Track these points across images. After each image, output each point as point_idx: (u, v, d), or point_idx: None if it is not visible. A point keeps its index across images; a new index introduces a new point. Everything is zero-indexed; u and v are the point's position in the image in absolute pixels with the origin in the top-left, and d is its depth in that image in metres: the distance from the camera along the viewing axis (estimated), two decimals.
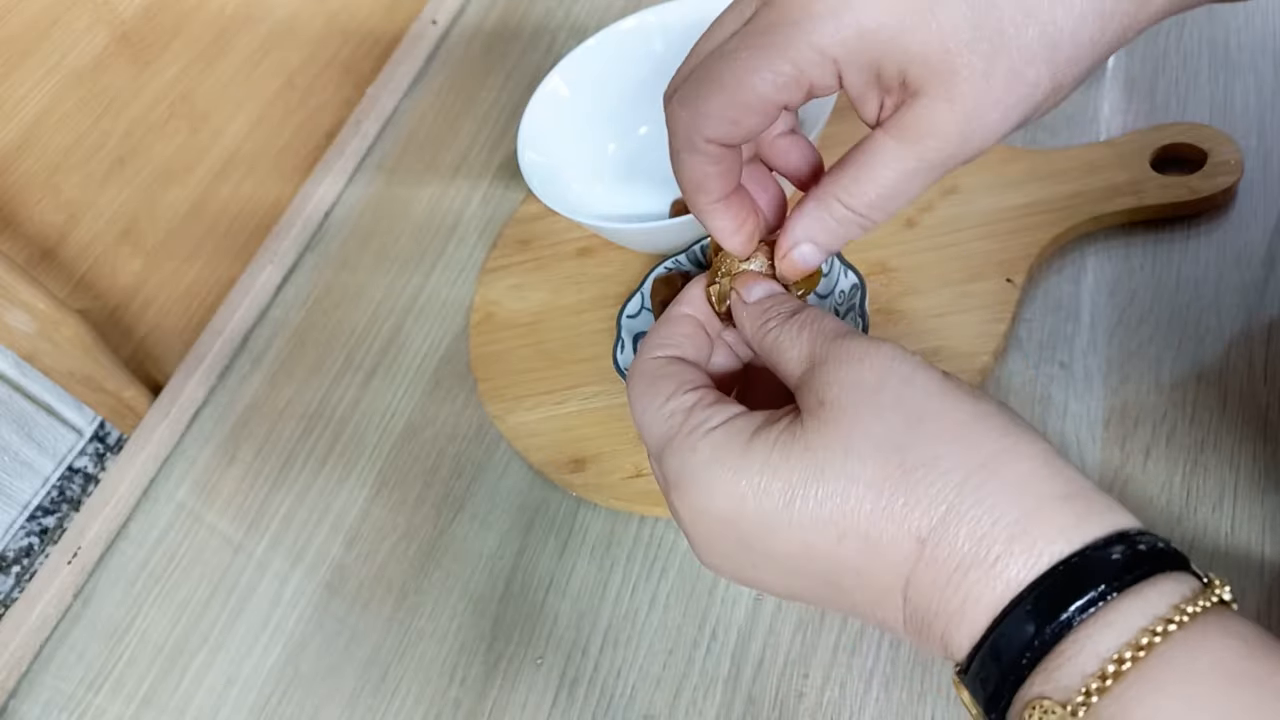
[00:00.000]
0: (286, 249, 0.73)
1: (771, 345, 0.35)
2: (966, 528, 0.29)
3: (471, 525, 0.55)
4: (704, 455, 0.32)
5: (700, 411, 0.34)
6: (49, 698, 0.57)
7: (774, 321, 0.36)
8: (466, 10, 0.86)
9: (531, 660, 0.50)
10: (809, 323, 0.35)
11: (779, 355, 0.35)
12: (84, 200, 0.63)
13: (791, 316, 0.35)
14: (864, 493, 0.30)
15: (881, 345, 0.33)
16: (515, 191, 0.70)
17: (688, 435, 0.33)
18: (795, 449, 0.31)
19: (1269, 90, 0.56)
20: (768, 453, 0.31)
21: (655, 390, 0.35)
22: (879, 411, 0.31)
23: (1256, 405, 0.46)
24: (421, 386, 0.62)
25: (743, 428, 0.33)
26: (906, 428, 0.30)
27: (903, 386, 0.31)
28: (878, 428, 0.30)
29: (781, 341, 0.35)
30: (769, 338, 0.35)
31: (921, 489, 0.29)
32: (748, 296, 0.37)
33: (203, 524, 0.61)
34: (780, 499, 0.31)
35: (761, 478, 0.31)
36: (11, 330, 0.58)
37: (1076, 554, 0.28)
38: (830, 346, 0.33)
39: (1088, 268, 0.53)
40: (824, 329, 0.34)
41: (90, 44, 0.62)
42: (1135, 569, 0.27)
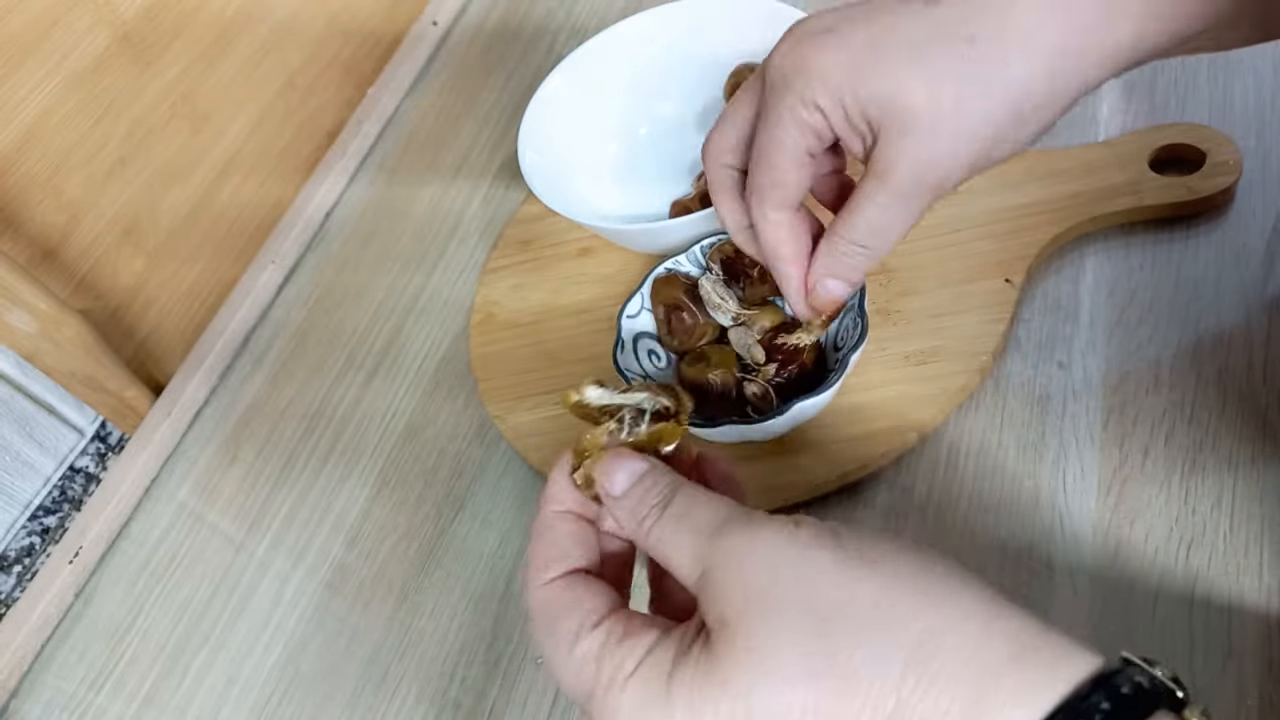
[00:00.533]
0: (288, 249, 0.73)
1: (657, 547, 0.33)
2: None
3: (472, 525, 0.55)
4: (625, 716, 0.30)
5: (611, 656, 0.31)
6: (50, 697, 0.57)
7: (649, 519, 0.33)
8: (467, 11, 0.86)
9: (531, 660, 0.50)
10: (683, 519, 0.32)
11: (667, 561, 0.33)
12: (85, 200, 0.63)
13: (665, 510, 0.33)
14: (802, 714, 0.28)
15: (759, 532, 0.30)
16: (516, 192, 0.70)
17: (605, 693, 0.31)
18: (713, 686, 0.29)
19: (1268, 91, 0.56)
20: (689, 699, 0.29)
21: (558, 632, 0.32)
22: (782, 619, 0.28)
23: (1255, 405, 0.46)
24: (422, 386, 0.63)
25: (659, 670, 0.30)
26: (818, 633, 0.28)
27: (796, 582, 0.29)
28: (787, 640, 0.28)
29: (665, 546, 0.32)
30: (651, 538, 0.33)
31: (860, 699, 0.27)
32: (612, 490, 0.34)
33: (204, 524, 0.61)
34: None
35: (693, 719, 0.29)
36: (13, 330, 0.58)
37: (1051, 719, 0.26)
38: (712, 548, 0.31)
39: (1087, 268, 0.53)
40: (700, 524, 0.32)
41: (91, 45, 0.62)
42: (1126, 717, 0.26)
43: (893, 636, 0.28)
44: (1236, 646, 0.40)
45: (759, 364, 0.51)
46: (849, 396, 0.51)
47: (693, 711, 0.29)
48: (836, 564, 0.29)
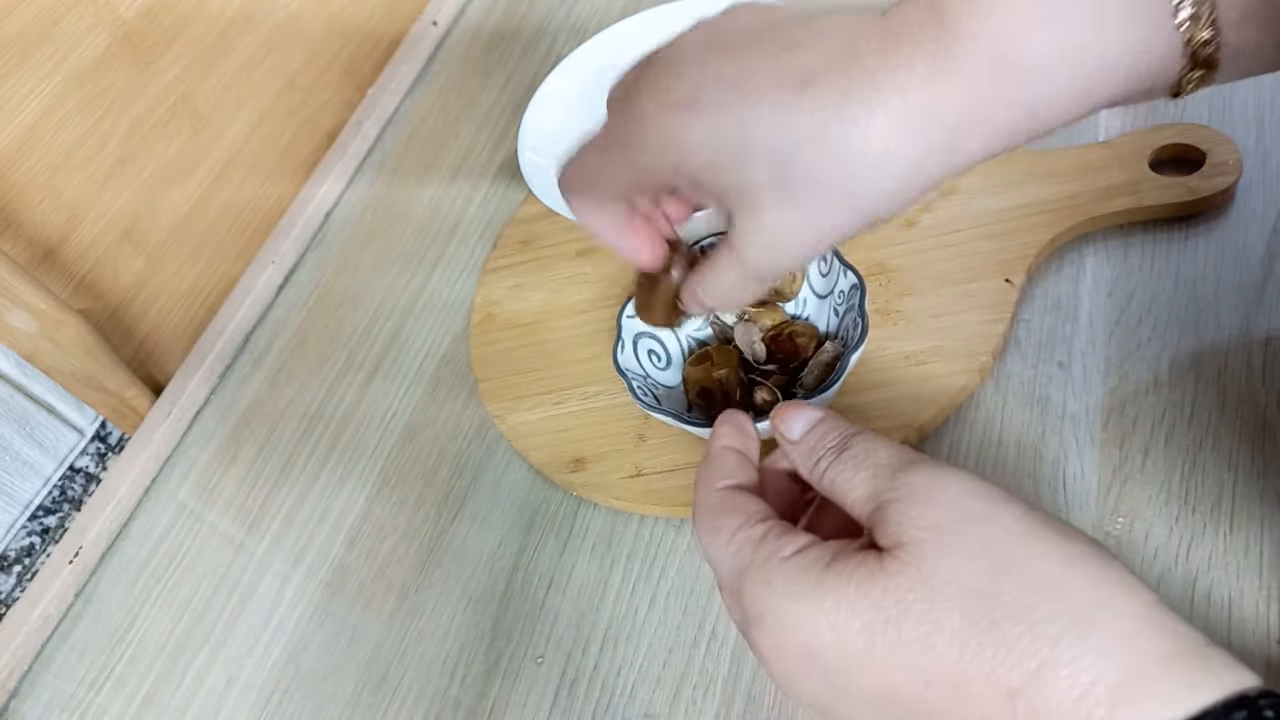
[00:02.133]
0: (288, 249, 0.73)
1: (829, 486, 0.34)
2: (1064, 685, 0.27)
3: (472, 525, 0.55)
4: (779, 587, 0.31)
5: (770, 542, 0.33)
6: (50, 697, 0.57)
7: (825, 460, 0.34)
8: (467, 11, 0.86)
9: (531, 659, 0.50)
10: (863, 460, 0.33)
11: (840, 496, 0.34)
12: (85, 200, 0.63)
13: (842, 453, 0.34)
14: (950, 641, 0.28)
15: (950, 481, 0.31)
16: (516, 192, 0.70)
17: (761, 566, 0.32)
18: (875, 589, 0.30)
19: (1267, 91, 0.56)
20: (844, 588, 0.30)
21: (721, 524, 0.34)
22: (963, 557, 0.29)
23: (1255, 405, 0.46)
24: (422, 387, 0.63)
25: (817, 558, 0.31)
26: (994, 576, 0.29)
27: (985, 528, 0.30)
28: (963, 574, 0.29)
29: (839, 483, 0.34)
30: (825, 478, 0.34)
31: (1012, 641, 0.27)
32: (789, 434, 0.37)
33: (204, 524, 0.61)
34: (860, 638, 0.30)
35: (839, 615, 0.30)
36: (13, 330, 0.58)
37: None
38: (894, 484, 0.32)
39: (1086, 268, 0.53)
40: (880, 463, 0.33)
41: (92, 45, 0.62)
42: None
43: (1062, 600, 0.28)
44: (1236, 646, 0.40)
45: (760, 362, 0.51)
46: (849, 397, 0.51)
47: (842, 600, 0.30)
48: (1026, 523, 0.30)
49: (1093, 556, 0.29)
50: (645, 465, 0.52)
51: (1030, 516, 0.30)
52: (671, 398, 0.52)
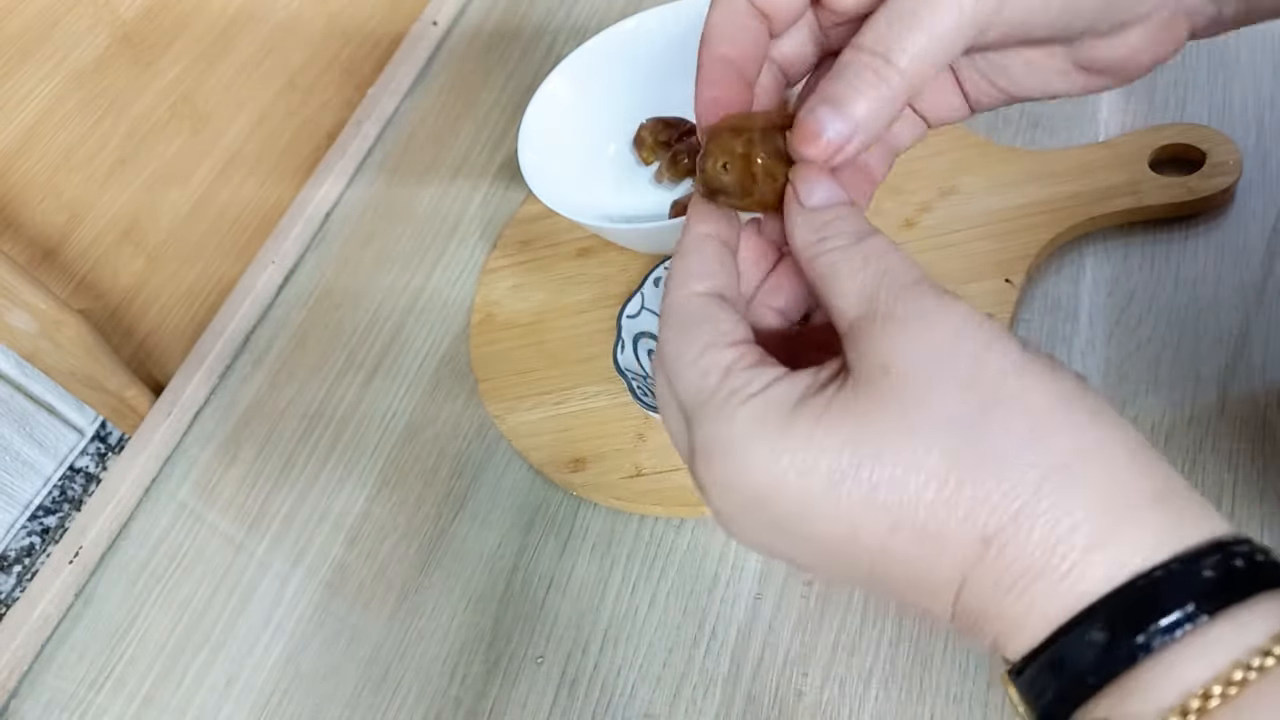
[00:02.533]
0: (288, 249, 0.73)
1: (826, 269, 0.30)
2: (1040, 531, 0.26)
3: (472, 525, 0.55)
4: (739, 427, 0.28)
5: (738, 374, 0.29)
6: (50, 697, 0.57)
7: (834, 240, 0.30)
8: (467, 11, 0.86)
9: (532, 659, 0.50)
10: (876, 256, 0.30)
11: (833, 283, 0.30)
12: (85, 200, 0.63)
13: (858, 242, 0.30)
14: (926, 481, 0.26)
15: (955, 305, 0.28)
16: (516, 192, 0.70)
17: (724, 401, 0.29)
18: (848, 424, 0.27)
19: (1267, 91, 0.56)
20: (813, 426, 0.28)
21: (691, 337, 0.30)
22: (951, 389, 0.27)
23: (1254, 405, 0.46)
24: (422, 386, 0.63)
25: (785, 396, 0.28)
26: (981, 411, 0.27)
27: (978, 360, 0.27)
28: (948, 408, 0.27)
29: (840, 269, 0.30)
30: (823, 260, 0.30)
31: (993, 483, 0.26)
32: (807, 198, 0.31)
33: (204, 524, 0.61)
34: (826, 479, 0.27)
35: (806, 454, 0.27)
36: (13, 330, 0.58)
37: (1161, 566, 0.25)
38: (899, 297, 0.29)
39: (1086, 268, 0.53)
40: (893, 269, 0.29)
41: (91, 44, 0.62)
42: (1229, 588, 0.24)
43: (1045, 445, 0.26)
44: None
45: None
46: None
47: (810, 440, 0.27)
48: (1019, 362, 0.28)
49: (1081, 396, 0.28)
50: (645, 465, 0.52)
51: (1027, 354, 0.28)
52: None
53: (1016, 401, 0.27)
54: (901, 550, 0.27)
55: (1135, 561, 0.25)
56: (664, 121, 0.65)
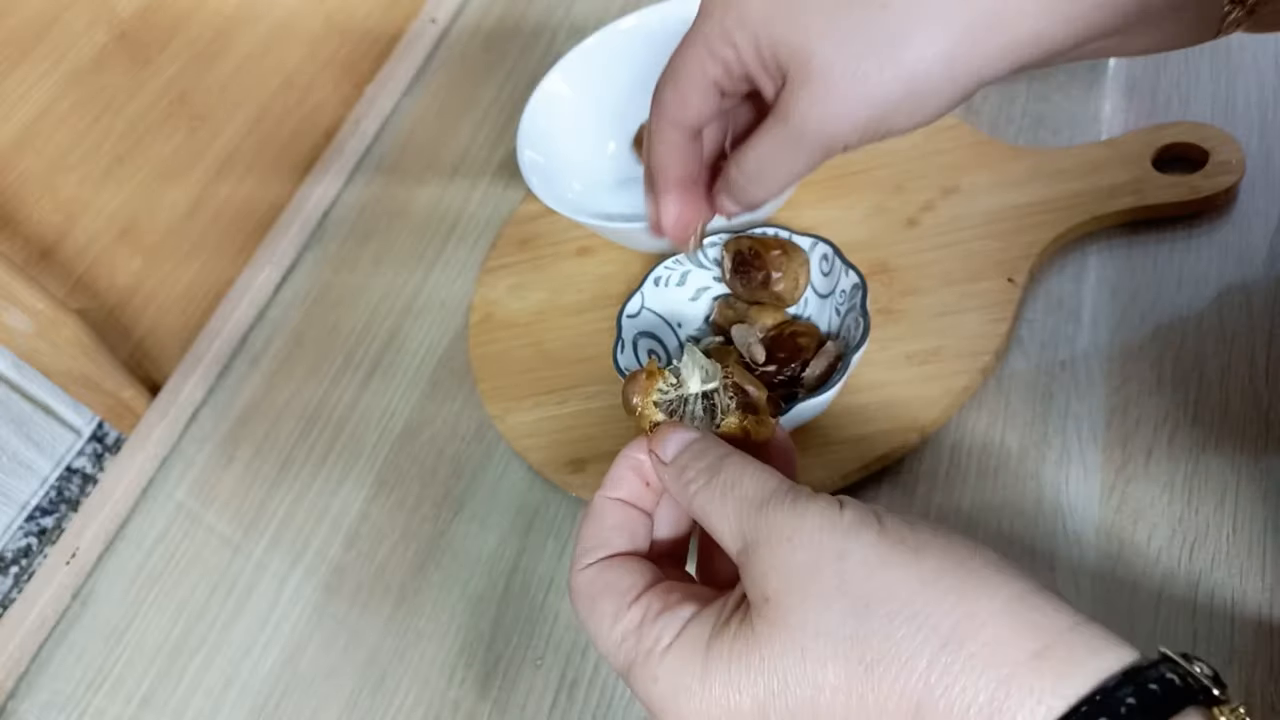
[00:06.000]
0: (285, 249, 0.73)
1: (701, 516, 0.34)
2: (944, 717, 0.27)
3: (471, 526, 0.55)
4: (665, 685, 0.31)
5: (649, 630, 0.32)
6: (47, 698, 0.57)
7: (695, 484, 0.34)
8: (466, 9, 0.86)
9: (531, 661, 0.49)
10: (730, 489, 0.33)
11: (710, 524, 0.34)
12: (82, 200, 0.63)
13: (711, 480, 0.34)
14: (833, 698, 0.29)
15: (806, 513, 0.31)
16: (515, 191, 0.70)
17: (644, 664, 0.32)
18: (753, 661, 0.30)
19: (1270, 89, 0.56)
20: (727, 669, 0.30)
21: (599, 613, 0.34)
22: (823, 601, 0.29)
23: (1258, 405, 0.46)
24: (420, 387, 0.62)
25: (696, 640, 0.31)
26: (856, 617, 0.29)
27: (839, 564, 0.30)
28: (826, 622, 0.29)
29: (710, 513, 0.33)
30: (695, 505, 0.34)
31: (888, 685, 0.28)
32: (663, 455, 0.36)
33: (201, 524, 0.61)
34: (755, 715, 0.30)
35: (728, 698, 0.30)
36: (10, 330, 0.58)
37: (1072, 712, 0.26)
38: (758, 523, 0.32)
39: (1089, 267, 0.53)
40: (747, 496, 0.32)
41: (89, 43, 0.62)
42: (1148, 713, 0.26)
43: (927, 626, 0.28)
44: (1239, 648, 0.40)
45: (758, 363, 0.51)
46: (850, 397, 0.50)
47: (728, 682, 0.30)
48: (878, 551, 0.30)
49: (948, 567, 0.29)
50: None
51: (881, 540, 0.30)
52: None
53: (886, 595, 0.29)
54: None
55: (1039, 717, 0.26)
56: None
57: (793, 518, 0.31)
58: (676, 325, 0.55)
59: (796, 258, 0.51)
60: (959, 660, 0.27)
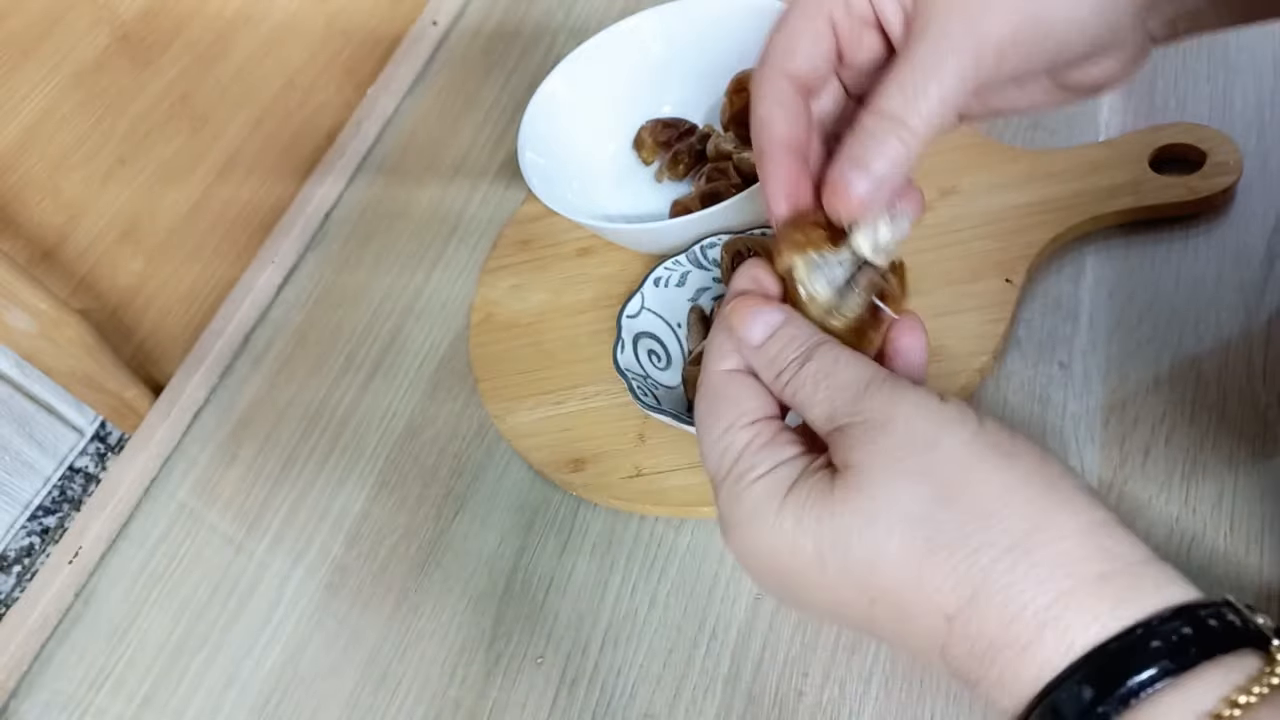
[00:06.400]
0: (287, 249, 0.73)
1: (791, 399, 0.34)
2: (995, 612, 0.28)
3: (472, 525, 0.55)
4: (746, 507, 0.33)
5: (750, 455, 0.33)
6: (49, 698, 0.57)
7: (788, 372, 0.34)
8: (467, 11, 0.86)
9: (532, 659, 0.50)
10: (823, 378, 0.33)
11: (800, 409, 0.34)
12: (85, 200, 0.63)
13: (803, 366, 0.34)
14: (890, 566, 0.30)
15: (901, 403, 0.31)
16: (515, 192, 0.70)
17: (735, 481, 0.33)
18: (825, 512, 0.31)
19: (1268, 90, 0.56)
20: (800, 512, 0.31)
21: (716, 414, 0.35)
22: (905, 481, 0.30)
23: (1255, 405, 0.46)
24: (422, 387, 0.62)
25: (783, 480, 0.32)
26: (934, 502, 0.29)
27: (928, 454, 0.30)
28: (904, 499, 0.30)
29: (800, 398, 0.34)
30: (786, 391, 0.34)
31: (947, 569, 0.29)
32: (749, 338, 0.35)
33: (203, 524, 0.61)
34: (812, 559, 0.31)
35: (794, 536, 0.31)
36: (12, 330, 0.58)
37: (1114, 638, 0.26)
38: (851, 408, 0.32)
39: (1087, 267, 0.53)
40: (840, 384, 0.33)
41: (91, 44, 0.62)
42: (1186, 652, 0.26)
43: (999, 529, 0.29)
44: None
45: None
46: None
47: (798, 524, 0.31)
48: (972, 449, 0.30)
49: (1036, 479, 0.30)
50: (645, 465, 0.52)
51: (978, 440, 0.30)
52: (671, 398, 0.52)
53: (968, 490, 0.29)
54: (882, 619, 0.31)
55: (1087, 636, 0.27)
56: (664, 122, 0.65)
57: (888, 404, 0.32)
58: (676, 325, 0.55)
59: None
60: (1024, 563, 0.28)
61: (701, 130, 0.65)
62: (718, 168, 0.61)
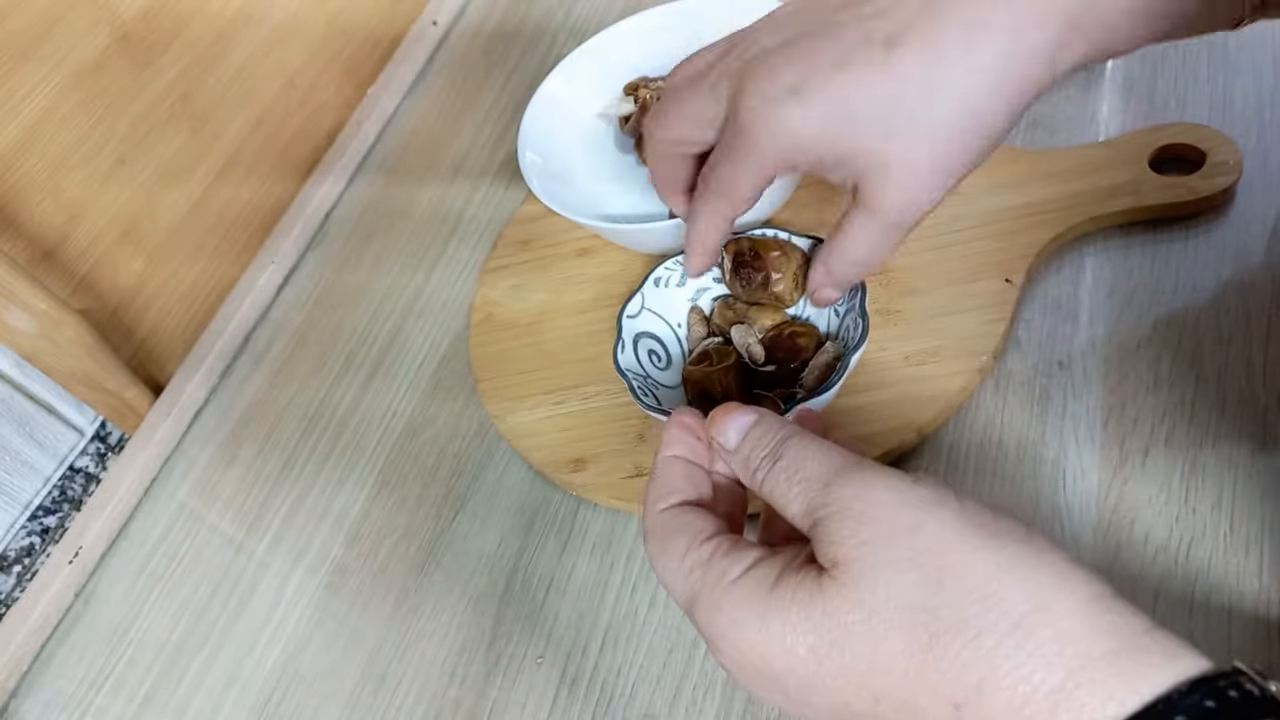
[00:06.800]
0: (287, 249, 0.73)
1: (769, 497, 0.35)
2: (1004, 696, 0.27)
3: (472, 525, 0.55)
4: (728, 614, 0.32)
5: (718, 563, 0.33)
6: (50, 698, 0.57)
7: (761, 470, 0.35)
8: (467, 11, 0.86)
9: (531, 660, 0.50)
10: (795, 472, 0.34)
11: (779, 505, 0.34)
12: (85, 200, 0.63)
13: (775, 463, 0.34)
14: (892, 660, 0.29)
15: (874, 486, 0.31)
16: (515, 192, 0.70)
17: (710, 591, 0.33)
18: (816, 611, 0.30)
19: (1268, 90, 0.56)
20: (788, 611, 0.31)
21: (670, 548, 0.35)
22: (895, 572, 0.30)
23: (1255, 405, 0.46)
24: (422, 387, 0.63)
25: (763, 578, 0.32)
26: (927, 590, 0.29)
27: (913, 539, 0.30)
28: (896, 590, 0.29)
29: (776, 495, 0.34)
30: (764, 489, 0.35)
31: (951, 657, 0.28)
32: (725, 443, 0.37)
33: (204, 524, 0.61)
34: (810, 658, 0.30)
35: (786, 638, 0.31)
36: (13, 330, 0.58)
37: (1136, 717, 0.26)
38: (825, 499, 0.32)
39: (1087, 268, 0.53)
40: (810, 476, 0.33)
41: (91, 44, 0.62)
42: None
43: (999, 609, 0.28)
44: (1236, 647, 0.40)
45: (758, 363, 0.51)
46: (849, 398, 0.51)
47: (788, 623, 0.31)
48: (955, 529, 0.30)
49: (1026, 556, 0.29)
50: (645, 465, 0.52)
51: (960, 520, 0.30)
52: (671, 398, 0.52)
53: (961, 573, 0.29)
54: (889, 715, 0.30)
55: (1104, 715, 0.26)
56: None
57: (862, 488, 0.32)
58: (676, 325, 0.55)
59: (796, 259, 0.51)
60: (1028, 645, 0.27)
61: None
62: None
